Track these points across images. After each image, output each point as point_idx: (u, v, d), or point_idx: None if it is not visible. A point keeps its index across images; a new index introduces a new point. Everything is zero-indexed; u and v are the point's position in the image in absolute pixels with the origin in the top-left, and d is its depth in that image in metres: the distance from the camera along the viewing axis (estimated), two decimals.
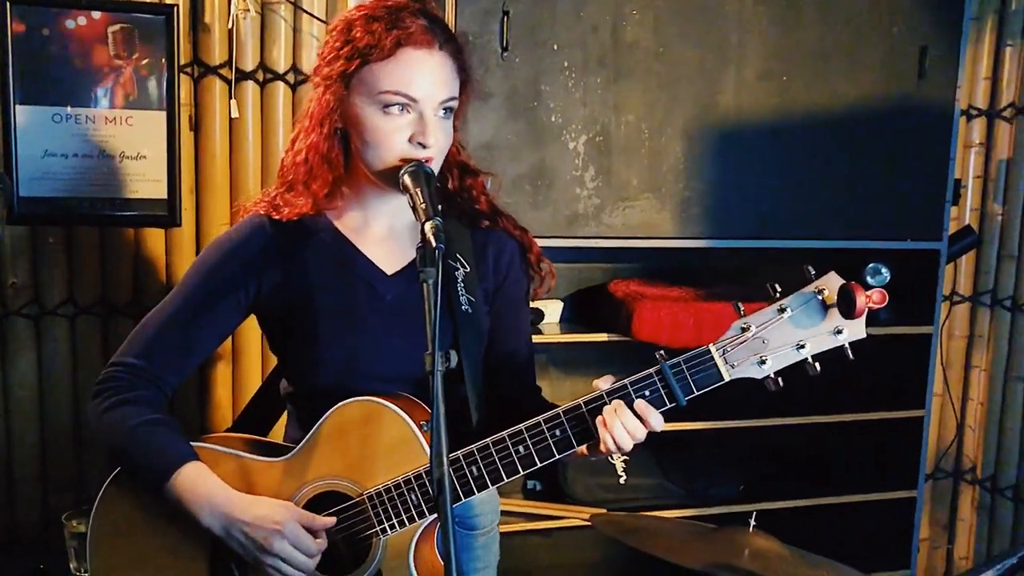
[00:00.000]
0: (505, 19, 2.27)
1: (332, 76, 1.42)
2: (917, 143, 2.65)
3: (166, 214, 2.45)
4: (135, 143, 2.40)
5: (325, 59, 1.45)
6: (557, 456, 1.36)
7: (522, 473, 1.37)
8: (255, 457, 1.48)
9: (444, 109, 1.42)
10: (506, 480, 1.37)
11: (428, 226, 1.24)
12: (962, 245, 2.97)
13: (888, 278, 2.75)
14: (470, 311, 1.48)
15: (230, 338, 2.35)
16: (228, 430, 1.73)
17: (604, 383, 1.36)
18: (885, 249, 2.68)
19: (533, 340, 1.67)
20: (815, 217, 2.58)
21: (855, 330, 1.27)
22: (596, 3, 2.34)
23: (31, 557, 2.24)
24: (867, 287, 2.92)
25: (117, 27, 2.36)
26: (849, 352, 1.27)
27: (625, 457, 2.72)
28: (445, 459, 1.15)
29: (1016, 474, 3.06)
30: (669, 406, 1.33)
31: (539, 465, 1.36)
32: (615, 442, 1.32)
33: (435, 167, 1.43)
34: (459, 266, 1.50)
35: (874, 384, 2.83)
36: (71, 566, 2.13)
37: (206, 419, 2.58)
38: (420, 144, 1.39)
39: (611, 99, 2.37)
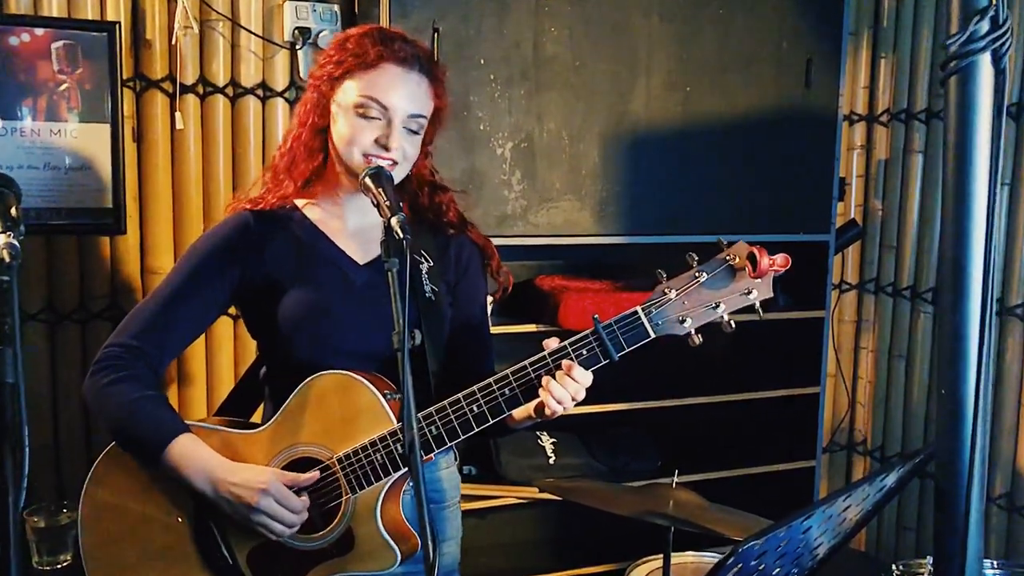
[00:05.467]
0: (435, 36, 2.46)
1: (322, 77, 1.62)
2: (806, 146, 2.95)
3: (111, 222, 2.54)
4: (80, 155, 2.50)
5: (320, 65, 1.64)
6: (507, 412, 1.51)
7: (476, 429, 1.52)
8: (236, 431, 1.63)
9: (412, 123, 1.60)
10: (462, 436, 1.52)
11: (394, 220, 1.40)
12: (848, 237, 3.27)
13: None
14: (433, 299, 1.66)
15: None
16: (216, 414, 1.86)
17: (551, 344, 1.52)
18: (780, 241, 2.95)
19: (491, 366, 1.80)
20: (718, 213, 2.84)
21: (763, 291, 1.43)
22: (518, 21, 2.55)
23: None
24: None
25: (60, 44, 2.45)
26: (760, 310, 1.44)
27: (553, 439, 2.95)
28: (415, 423, 1.31)
29: (901, 443, 3.38)
30: (604, 362, 1.48)
31: (491, 421, 1.52)
32: (554, 398, 1.48)
33: (397, 175, 1.59)
34: (423, 260, 1.67)
35: (774, 365, 3.12)
36: (33, 560, 2.21)
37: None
38: (383, 146, 1.57)
39: (534, 109, 2.59)
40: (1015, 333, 2.92)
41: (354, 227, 1.69)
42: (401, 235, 1.38)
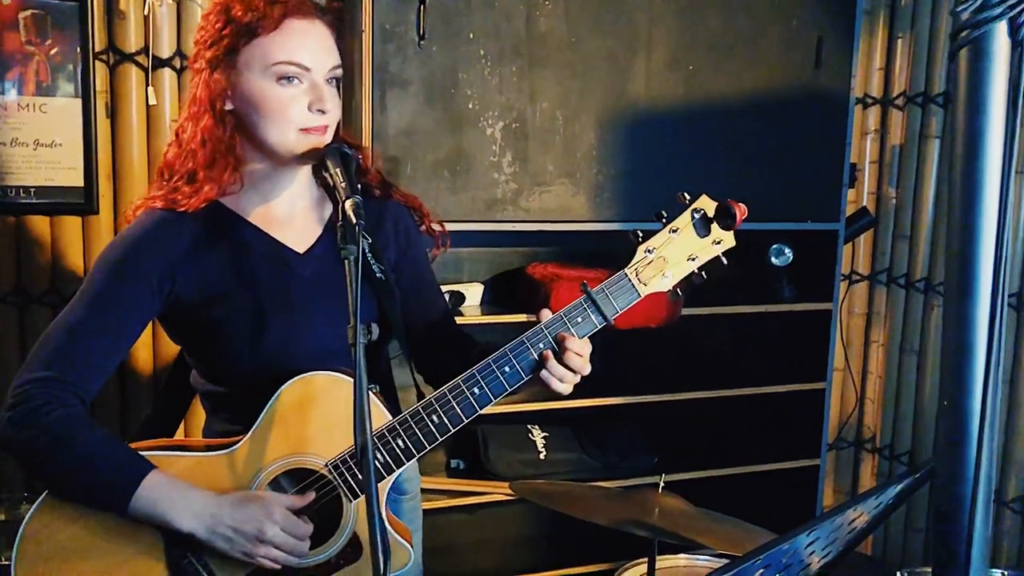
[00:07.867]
0: (422, 8, 2.33)
1: (218, 56, 1.43)
2: (815, 129, 2.80)
3: (83, 202, 2.44)
4: (50, 130, 2.39)
5: (206, 43, 1.45)
6: (509, 390, 1.45)
7: (479, 411, 1.45)
8: (203, 453, 1.45)
9: (332, 77, 1.46)
10: (452, 431, 1.44)
11: (348, 204, 1.28)
12: (859, 226, 3.13)
13: (791, 258, 2.90)
14: (383, 278, 1.54)
15: None
16: (138, 436, 1.60)
17: (545, 315, 1.47)
18: (787, 230, 2.83)
19: (455, 321, 1.74)
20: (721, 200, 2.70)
21: (728, 240, 1.48)
22: None
23: None
24: (772, 267, 3.06)
25: (28, 13, 2.34)
26: (724, 259, 1.49)
27: (545, 433, 2.83)
28: (368, 426, 1.19)
29: (911, 441, 3.25)
30: (600, 326, 1.47)
31: (477, 412, 1.44)
32: (556, 376, 1.45)
33: (329, 136, 1.46)
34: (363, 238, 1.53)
35: (779, 359, 2.99)
36: None
37: None
38: (319, 111, 1.42)
39: (526, 87, 2.45)
40: None
41: (283, 214, 1.54)
42: (355, 220, 1.26)
